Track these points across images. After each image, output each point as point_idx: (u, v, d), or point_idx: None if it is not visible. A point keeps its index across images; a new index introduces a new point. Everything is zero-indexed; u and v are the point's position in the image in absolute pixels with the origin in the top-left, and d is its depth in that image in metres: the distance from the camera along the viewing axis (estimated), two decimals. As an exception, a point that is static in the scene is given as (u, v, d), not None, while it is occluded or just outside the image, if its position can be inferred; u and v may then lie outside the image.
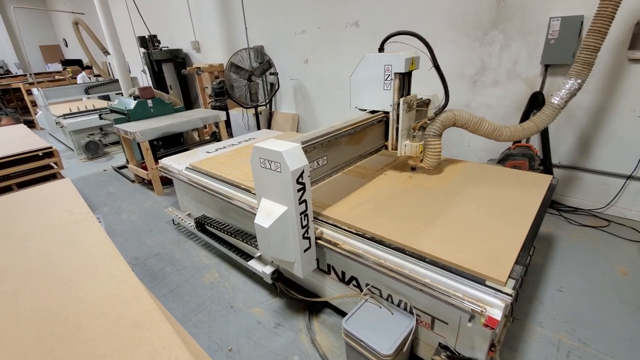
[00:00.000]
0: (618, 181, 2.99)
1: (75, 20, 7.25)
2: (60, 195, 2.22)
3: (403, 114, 2.18)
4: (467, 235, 1.66)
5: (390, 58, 2.11)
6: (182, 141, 4.79)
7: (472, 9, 3.28)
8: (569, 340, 1.91)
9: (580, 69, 2.26)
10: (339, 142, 2.06)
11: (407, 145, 2.26)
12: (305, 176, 1.60)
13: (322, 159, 1.96)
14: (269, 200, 1.73)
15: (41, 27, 12.79)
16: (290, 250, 1.77)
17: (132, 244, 3.19)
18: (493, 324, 1.27)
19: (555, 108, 2.30)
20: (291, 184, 1.55)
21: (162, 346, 1.01)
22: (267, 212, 1.70)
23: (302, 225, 1.69)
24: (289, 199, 1.61)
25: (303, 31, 4.82)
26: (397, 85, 2.15)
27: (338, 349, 1.94)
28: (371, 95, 2.28)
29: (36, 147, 3.60)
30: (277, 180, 1.60)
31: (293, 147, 1.58)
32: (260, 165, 1.66)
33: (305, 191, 1.63)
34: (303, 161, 1.59)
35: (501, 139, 2.29)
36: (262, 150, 1.60)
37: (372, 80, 2.22)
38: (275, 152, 1.54)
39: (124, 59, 5.34)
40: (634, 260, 2.52)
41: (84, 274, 1.38)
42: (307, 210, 1.69)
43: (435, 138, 2.24)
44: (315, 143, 1.83)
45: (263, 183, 1.72)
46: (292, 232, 1.70)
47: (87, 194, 4.42)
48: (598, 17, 2.15)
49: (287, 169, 1.52)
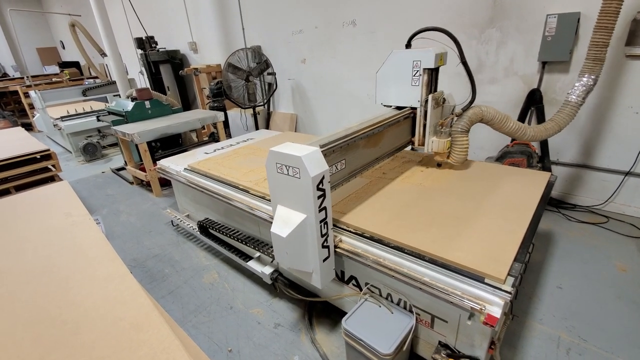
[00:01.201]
0: (616, 177, 3.00)
1: (72, 22, 7.23)
2: (59, 198, 2.21)
3: (431, 110, 2.17)
4: (465, 233, 1.66)
5: (419, 54, 2.10)
6: (180, 142, 4.78)
7: (469, 8, 3.28)
8: (568, 337, 1.92)
9: (592, 65, 2.30)
10: (357, 145, 1.99)
11: (434, 141, 2.26)
12: (325, 182, 1.51)
13: (340, 163, 1.87)
14: (286, 208, 1.63)
15: (38, 30, 12.76)
16: (308, 260, 1.68)
17: (131, 245, 3.18)
18: (492, 321, 1.27)
19: (574, 106, 2.34)
20: (311, 191, 1.46)
21: (161, 348, 1.00)
22: (284, 221, 1.61)
23: (322, 233, 1.60)
24: (308, 206, 1.52)
25: (300, 31, 4.81)
26: (426, 81, 2.14)
27: (338, 348, 1.94)
28: (398, 91, 2.27)
29: (34, 149, 3.59)
30: (296, 186, 1.51)
31: (312, 151, 1.48)
32: (276, 171, 1.56)
33: (325, 198, 1.55)
34: (323, 166, 1.49)
35: (524, 138, 2.32)
36: (280, 154, 1.50)
37: (399, 76, 2.21)
38: (294, 156, 1.44)
39: (121, 60, 5.33)
40: (632, 256, 2.52)
41: (83, 276, 1.38)
42: (327, 218, 1.61)
43: (463, 134, 2.24)
44: (334, 146, 1.75)
45: (279, 189, 1.62)
46: (312, 241, 1.61)
47: (85, 196, 4.41)
48: (603, 14, 2.19)
49: (307, 174, 1.43)
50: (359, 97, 4.51)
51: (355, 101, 4.57)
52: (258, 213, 2.16)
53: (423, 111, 2.23)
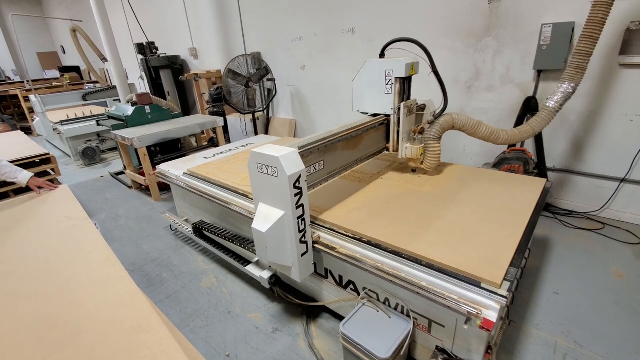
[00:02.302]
0: (612, 184, 3.03)
1: (73, 27, 7.29)
2: (58, 202, 2.22)
3: (404, 117, 2.24)
4: (462, 238, 1.67)
5: (391, 63, 2.18)
6: (179, 147, 4.80)
7: (466, 17, 3.34)
8: (565, 343, 1.92)
9: (574, 73, 2.32)
10: (336, 147, 2.08)
11: (408, 147, 2.32)
12: (302, 181, 1.62)
13: (318, 164, 1.98)
14: (267, 205, 1.74)
15: (39, 35, 12.83)
16: (287, 255, 1.78)
17: (130, 249, 3.18)
18: (489, 326, 1.28)
19: (551, 111, 2.37)
20: (288, 189, 1.57)
21: (160, 350, 1.01)
22: (264, 217, 1.72)
23: (299, 229, 1.70)
24: (286, 203, 1.63)
25: (300, 38, 4.87)
26: (398, 90, 2.21)
27: (336, 353, 1.94)
28: (373, 100, 2.35)
29: (33, 153, 3.60)
30: (274, 185, 1.62)
31: (290, 152, 1.60)
32: (257, 171, 1.67)
33: (302, 196, 1.65)
34: (300, 166, 1.60)
35: (498, 142, 2.36)
36: (259, 155, 1.62)
37: (373, 85, 2.29)
38: (272, 157, 1.56)
39: (121, 65, 5.37)
40: (629, 262, 2.54)
41: (82, 279, 1.39)
42: (304, 215, 1.70)
43: (435, 141, 2.31)
44: (312, 148, 1.86)
45: (260, 188, 1.74)
46: (290, 237, 1.71)
47: (84, 200, 4.40)
48: (589, 23, 2.21)
49: (284, 173, 1.54)
50: (357, 103, 4.54)
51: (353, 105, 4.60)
52: (257, 217, 2.18)
53: (396, 118, 2.28)
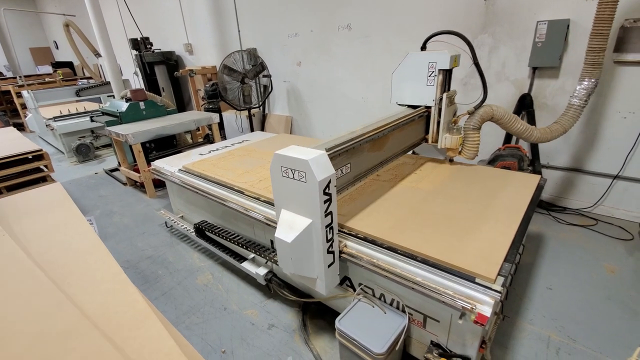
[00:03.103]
0: (605, 181, 3.06)
1: (66, 22, 7.19)
2: (51, 199, 2.20)
3: (445, 108, 2.29)
4: (457, 234, 1.68)
5: (435, 56, 2.22)
6: (174, 144, 4.77)
7: (463, 14, 3.34)
8: (558, 337, 1.95)
9: (591, 70, 2.44)
10: (362, 149, 1.98)
11: (447, 137, 2.39)
12: (331, 186, 1.49)
13: (345, 167, 1.85)
14: (291, 212, 1.60)
15: (31, 29, 12.64)
16: (313, 266, 1.65)
17: (124, 246, 3.16)
18: (483, 320, 1.29)
19: (577, 108, 2.48)
20: (317, 195, 1.44)
21: (157, 349, 1.01)
22: (288, 225, 1.58)
23: (327, 238, 1.58)
24: (314, 210, 1.50)
25: (296, 34, 4.85)
26: (441, 81, 2.26)
27: (332, 348, 1.95)
28: (413, 91, 2.40)
29: (26, 150, 3.56)
30: (301, 190, 1.48)
31: (319, 154, 1.46)
32: (281, 175, 1.53)
33: (331, 202, 1.52)
34: (330, 170, 1.47)
35: (531, 139, 2.44)
36: (285, 158, 1.47)
37: (415, 77, 2.34)
38: (300, 160, 1.42)
39: (115, 61, 5.31)
40: (621, 258, 2.57)
41: (76, 277, 1.38)
42: (333, 223, 1.58)
43: (475, 131, 2.37)
44: (340, 150, 1.72)
45: (284, 193, 1.59)
46: (317, 247, 1.58)
47: (78, 197, 4.37)
48: (598, 21, 2.31)
49: (314, 178, 1.40)
50: (353, 99, 4.54)
51: (350, 104, 4.60)
52: (253, 214, 2.17)
53: (437, 109, 2.35)
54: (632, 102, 2.76)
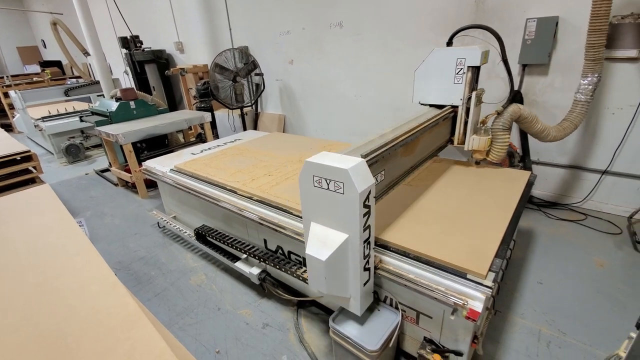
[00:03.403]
0: (594, 176, 3.10)
1: (54, 20, 7.06)
2: (39, 201, 2.16)
3: (473, 107, 2.18)
4: (449, 231, 1.70)
5: (464, 51, 2.10)
6: (166, 143, 4.73)
7: (453, 11, 3.35)
8: (549, 331, 1.98)
9: (593, 65, 2.46)
10: (397, 153, 1.85)
11: (475, 139, 2.27)
12: (371, 197, 1.35)
13: (380, 175, 1.71)
14: (323, 226, 1.46)
15: (18, 28, 12.40)
16: (348, 285, 1.52)
17: (116, 248, 3.13)
18: (474, 316, 1.31)
19: (584, 103, 2.50)
20: (357, 208, 1.29)
21: (148, 351, 1.00)
22: (321, 241, 1.43)
23: (365, 255, 1.45)
24: (352, 225, 1.35)
25: (287, 32, 4.82)
26: (469, 79, 2.15)
27: (326, 347, 1.96)
28: (439, 90, 2.26)
29: (14, 151, 3.50)
30: (338, 203, 1.34)
31: (358, 162, 1.32)
32: (313, 185, 1.39)
33: (370, 215, 1.39)
34: (369, 179, 1.33)
35: (547, 139, 2.44)
36: (319, 166, 1.33)
37: (440, 74, 2.20)
38: (338, 169, 1.27)
39: (105, 60, 5.24)
40: (610, 252, 2.62)
41: (66, 279, 1.36)
42: (370, 238, 1.45)
43: (505, 131, 2.27)
44: (377, 156, 1.59)
45: (315, 205, 1.44)
46: (353, 264, 1.45)
47: (68, 198, 4.31)
48: (595, 17, 2.33)
49: (354, 190, 1.26)
50: (346, 97, 4.54)
51: (343, 102, 4.60)
52: (246, 214, 2.16)
53: (465, 109, 2.23)
54: (621, 98, 2.80)
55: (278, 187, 2.29)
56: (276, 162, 2.78)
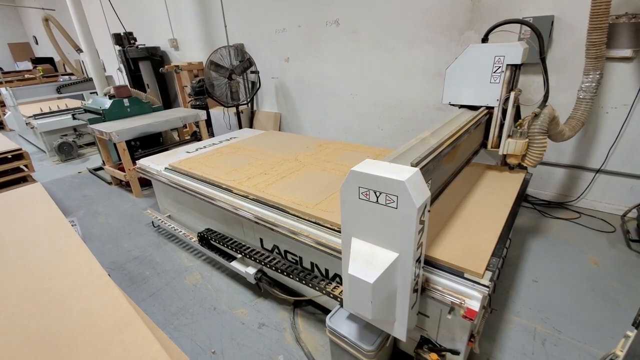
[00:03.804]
0: (588, 175, 3.13)
1: (46, 16, 6.96)
2: (31, 200, 2.13)
3: (511, 108, 2.06)
4: (445, 230, 1.70)
5: (503, 48, 1.97)
6: (161, 141, 4.68)
7: (449, 10, 3.35)
8: (544, 329, 1.99)
9: (594, 63, 2.45)
10: (442, 160, 1.70)
11: (511, 142, 2.13)
12: (426, 212, 1.22)
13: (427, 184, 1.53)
14: (367, 243, 1.31)
15: (10, 24, 12.22)
16: (394, 309, 1.37)
17: (110, 248, 3.09)
18: (471, 315, 1.31)
19: (588, 101, 2.50)
20: (414, 225, 1.15)
21: (141, 353, 0.98)
22: (366, 260, 1.28)
23: (415, 275, 1.31)
24: (405, 242, 1.21)
25: (283, 29, 4.79)
26: (508, 78, 2.03)
27: (323, 346, 1.95)
28: (473, 89, 2.13)
29: (5, 149, 3.44)
30: (389, 218, 1.20)
31: (414, 173, 1.16)
32: (358, 196, 1.24)
33: (423, 232, 1.26)
34: (425, 192, 1.19)
35: (563, 139, 2.44)
36: (368, 177, 1.18)
37: (476, 73, 2.07)
38: (392, 180, 1.13)
39: (98, 56, 5.17)
40: (604, 250, 2.64)
41: (58, 280, 1.33)
42: (421, 256, 1.33)
43: (542, 135, 2.13)
44: (427, 164, 1.44)
45: (360, 219, 1.29)
46: (402, 286, 1.30)
47: (60, 197, 4.25)
48: (594, 15, 2.32)
49: (412, 204, 1.12)
50: (342, 96, 4.52)
51: (339, 100, 4.59)
52: (242, 213, 2.15)
53: (502, 110, 2.11)
54: (615, 97, 2.82)
55: (274, 185, 2.28)
56: (272, 160, 2.76)
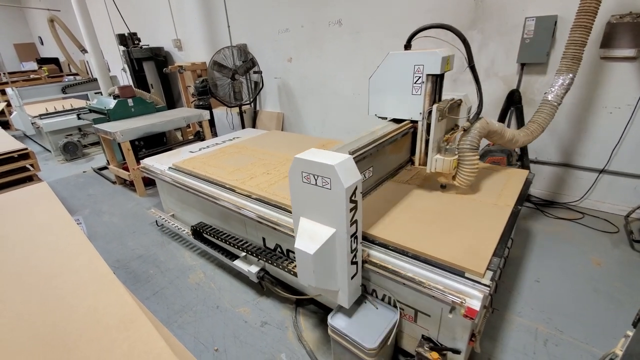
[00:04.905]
0: (591, 175, 3.12)
1: (51, 17, 7.02)
2: (37, 199, 2.15)
3: (435, 123, 1.84)
4: (447, 229, 1.70)
5: (422, 57, 1.78)
6: (164, 141, 4.71)
7: (452, 10, 3.35)
8: (546, 329, 1.99)
9: (570, 64, 2.31)
10: (385, 151, 1.84)
11: (439, 159, 1.93)
12: (358, 193, 1.39)
13: (368, 171, 1.74)
14: (311, 221, 1.50)
15: (15, 25, 12.33)
16: (336, 279, 1.56)
17: (114, 246, 3.12)
18: (472, 314, 1.31)
19: (553, 105, 2.34)
20: (344, 203, 1.33)
21: (147, 350, 1.00)
22: (309, 236, 1.47)
23: (352, 248, 1.48)
24: (339, 219, 1.40)
25: (286, 29, 4.81)
26: (429, 90, 1.83)
27: (324, 344, 1.96)
28: (396, 102, 1.95)
29: (11, 148, 3.48)
30: (325, 198, 1.38)
31: (345, 159, 1.36)
32: (302, 180, 1.43)
33: (357, 210, 1.43)
34: (356, 175, 1.37)
35: (517, 145, 2.28)
36: (307, 163, 1.38)
37: (397, 83, 1.89)
38: (324, 165, 1.32)
39: (102, 57, 5.21)
40: (607, 250, 2.63)
41: (64, 278, 1.35)
42: (357, 232, 1.49)
43: (473, 151, 1.93)
44: (364, 153, 1.63)
45: (304, 201, 1.48)
46: (340, 258, 1.49)
47: (66, 196, 4.29)
48: (582, 13, 2.22)
49: (340, 185, 1.30)
50: (345, 96, 4.53)
51: (342, 100, 4.59)
52: (245, 212, 2.16)
53: (425, 124, 1.89)
54: (618, 97, 2.81)
55: (276, 185, 2.29)
56: (275, 160, 2.78)
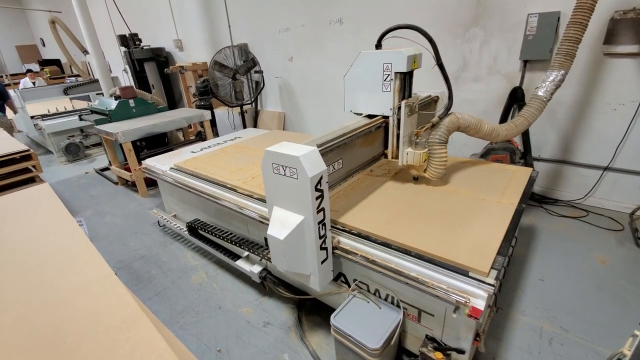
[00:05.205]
0: (596, 172, 3.09)
1: (52, 19, 7.04)
2: (39, 200, 2.15)
3: (404, 118, 1.94)
4: (450, 228, 1.69)
5: (390, 55, 1.90)
6: (166, 141, 4.72)
7: (454, 7, 3.33)
8: (550, 328, 1.97)
9: (563, 60, 2.30)
10: (354, 144, 1.94)
11: (409, 153, 2.03)
12: (323, 182, 1.49)
13: (337, 163, 1.85)
14: (283, 209, 1.61)
15: (17, 27, 12.39)
16: (306, 263, 1.66)
17: (116, 247, 3.12)
18: (477, 314, 1.30)
19: (542, 100, 2.33)
20: (309, 192, 1.43)
21: (148, 350, 0.99)
22: (281, 223, 1.58)
23: (320, 235, 1.58)
24: (306, 207, 1.50)
25: (287, 29, 4.80)
26: (398, 87, 1.94)
27: (327, 345, 1.95)
28: (368, 98, 2.08)
29: (13, 149, 3.48)
30: (293, 187, 1.49)
31: (310, 150, 1.46)
32: (272, 171, 1.54)
33: (323, 199, 1.52)
34: (321, 166, 1.47)
35: (499, 139, 2.26)
36: (276, 154, 1.48)
37: (369, 81, 2.01)
38: (290, 156, 1.42)
39: (103, 58, 5.23)
40: (612, 248, 2.61)
41: (66, 279, 1.35)
42: (325, 219, 1.58)
43: (441, 145, 2.04)
44: (331, 145, 1.73)
45: (276, 190, 1.59)
46: (309, 243, 1.59)
47: (68, 197, 4.30)
48: (578, 9, 2.19)
49: (305, 175, 1.41)
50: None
51: (342, 99, 4.57)
52: (246, 212, 2.15)
53: (396, 120, 2.00)
54: (622, 93, 2.79)
55: (278, 185, 2.28)
56: (276, 160, 2.77)
